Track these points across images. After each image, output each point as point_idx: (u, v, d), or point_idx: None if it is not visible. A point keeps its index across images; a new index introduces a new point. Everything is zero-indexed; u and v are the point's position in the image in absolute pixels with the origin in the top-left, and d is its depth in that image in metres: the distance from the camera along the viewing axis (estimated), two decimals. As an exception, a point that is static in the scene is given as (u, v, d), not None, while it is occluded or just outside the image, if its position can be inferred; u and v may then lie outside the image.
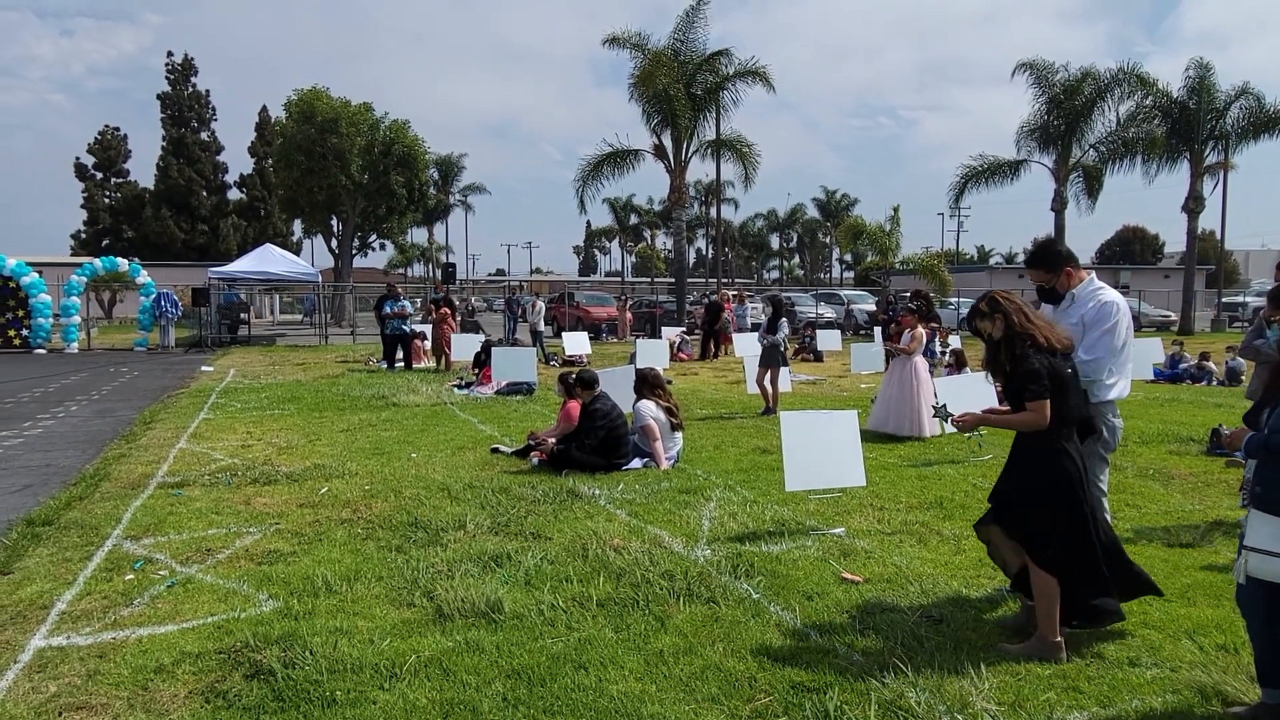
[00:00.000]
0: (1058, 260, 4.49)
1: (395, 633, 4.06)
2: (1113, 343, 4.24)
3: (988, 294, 4.18)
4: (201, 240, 57.56)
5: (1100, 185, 34.02)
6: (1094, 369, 4.22)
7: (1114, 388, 4.31)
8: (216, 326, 26.74)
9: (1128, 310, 4.36)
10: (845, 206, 79.98)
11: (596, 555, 5.16)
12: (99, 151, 59.51)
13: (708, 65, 29.72)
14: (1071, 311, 4.40)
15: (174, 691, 3.52)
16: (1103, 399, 4.28)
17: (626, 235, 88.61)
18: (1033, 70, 32.61)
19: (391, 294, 18.46)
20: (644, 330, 29.20)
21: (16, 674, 3.70)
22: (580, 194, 31.43)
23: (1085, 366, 4.20)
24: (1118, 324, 4.26)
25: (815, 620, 4.20)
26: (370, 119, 37.99)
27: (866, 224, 33.51)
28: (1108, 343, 4.23)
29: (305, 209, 39.95)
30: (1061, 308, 4.49)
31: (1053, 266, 4.48)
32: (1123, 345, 4.31)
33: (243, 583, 4.79)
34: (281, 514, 6.28)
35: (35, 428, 10.63)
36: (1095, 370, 4.22)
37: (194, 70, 59.78)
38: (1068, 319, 4.39)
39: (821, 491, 6.63)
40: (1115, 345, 4.25)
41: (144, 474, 7.64)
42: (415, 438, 9.53)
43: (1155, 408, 12.16)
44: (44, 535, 5.75)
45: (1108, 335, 4.23)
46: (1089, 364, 4.21)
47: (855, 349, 16.66)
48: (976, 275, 51.26)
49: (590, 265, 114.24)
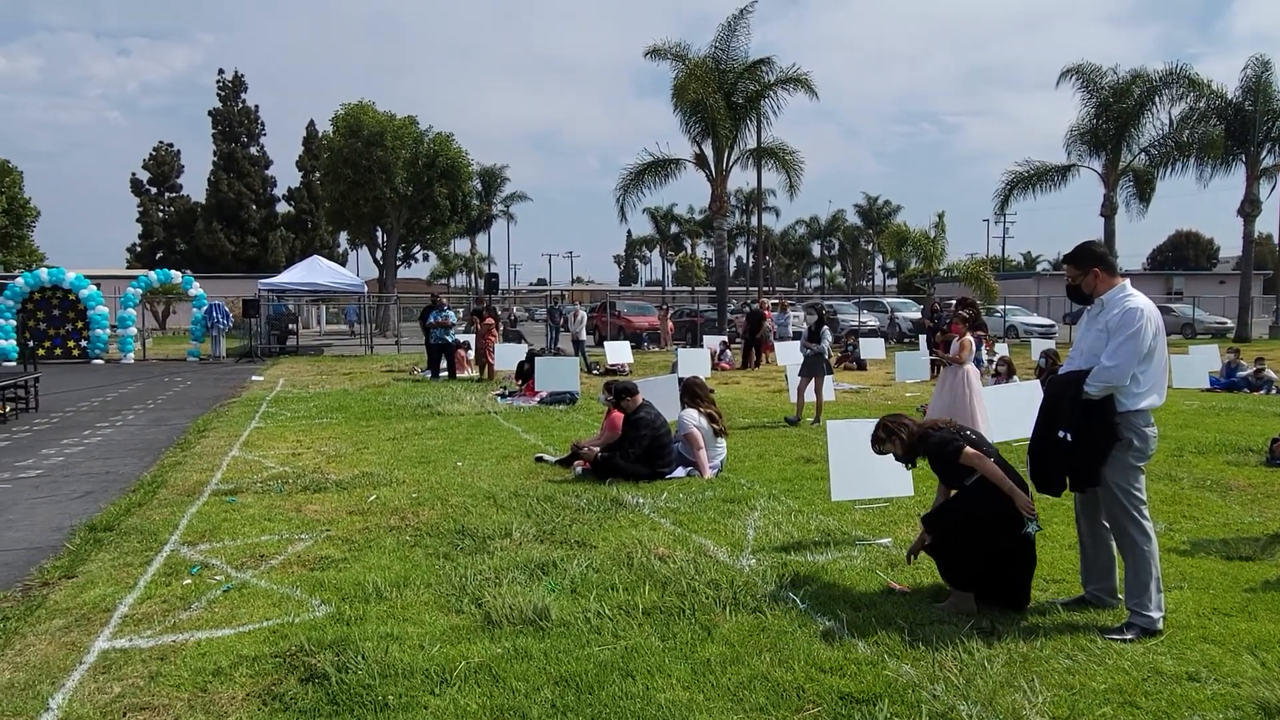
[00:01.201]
0: (1086, 259, 4.42)
1: (445, 639, 4.11)
2: (1136, 348, 4.15)
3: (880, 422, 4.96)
4: (251, 252, 58.88)
5: (1152, 189, 33.28)
6: (1115, 375, 4.14)
7: (1145, 397, 4.21)
8: (266, 337, 27.30)
9: (1157, 318, 4.26)
10: (888, 213, 79.28)
11: (642, 564, 5.18)
12: (153, 167, 61.25)
13: (749, 74, 29.68)
14: (1099, 318, 4.33)
15: (232, 694, 3.61)
16: (1131, 409, 4.18)
17: (667, 244, 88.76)
18: (1080, 75, 32.03)
19: (436, 304, 18.72)
20: (685, 339, 29.20)
21: (82, 674, 3.81)
22: (621, 203, 31.53)
23: (1108, 373, 4.13)
24: (1142, 330, 4.16)
25: (863, 631, 4.16)
26: (415, 132, 38.60)
27: (910, 231, 33.19)
28: (1130, 349, 4.15)
29: (351, 221, 40.71)
30: (1091, 313, 4.42)
31: (1081, 264, 4.42)
32: (1150, 353, 4.21)
33: (296, 588, 4.89)
34: (332, 521, 6.39)
35: (95, 435, 10.96)
36: (1118, 376, 4.14)
37: (244, 86, 61.33)
38: (1094, 325, 4.33)
39: (868, 501, 6.58)
40: (1139, 351, 4.16)
41: (199, 481, 7.84)
42: (460, 446, 9.64)
43: (1212, 417, 11.85)
44: (105, 540, 5.92)
45: (1130, 341, 4.15)
46: (1110, 369, 4.13)
47: (900, 357, 16.50)
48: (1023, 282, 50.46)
49: (631, 274, 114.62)
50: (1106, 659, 3.83)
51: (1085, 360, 4.30)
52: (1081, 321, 4.57)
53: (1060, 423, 4.23)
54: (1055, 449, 4.25)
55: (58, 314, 24.47)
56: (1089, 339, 4.34)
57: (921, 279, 33.46)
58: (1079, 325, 4.66)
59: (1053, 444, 4.25)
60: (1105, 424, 4.16)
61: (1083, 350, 4.36)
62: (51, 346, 24.15)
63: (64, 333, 24.52)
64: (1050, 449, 4.28)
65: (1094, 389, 4.16)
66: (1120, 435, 4.15)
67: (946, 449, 4.57)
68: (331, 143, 39.33)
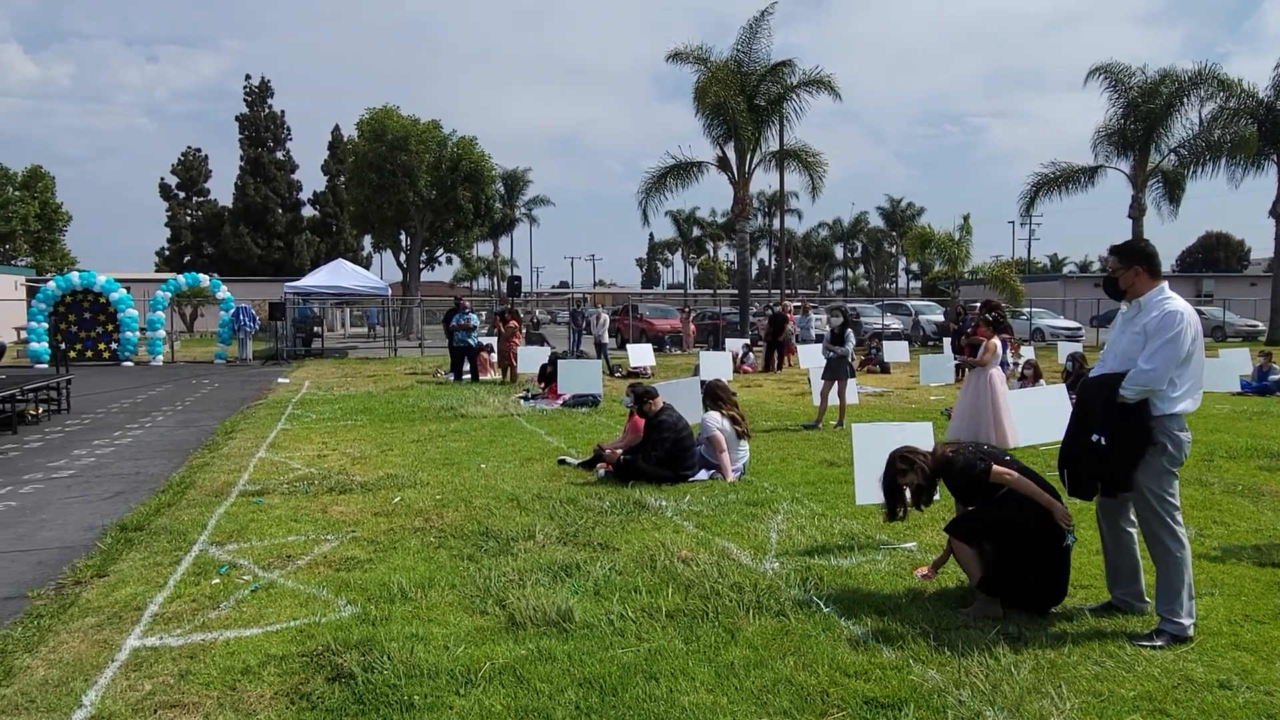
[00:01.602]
0: (1132, 254, 4.35)
1: (469, 640, 4.14)
2: (1175, 353, 4.09)
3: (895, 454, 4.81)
4: (277, 256, 59.53)
5: (1181, 190, 32.85)
6: (1153, 379, 4.08)
7: (1180, 401, 4.15)
8: (292, 339, 27.57)
9: (1196, 322, 4.20)
10: (911, 215, 78.71)
11: (665, 566, 5.18)
12: (182, 172, 62.12)
13: (771, 76, 29.62)
14: (1136, 320, 4.27)
15: (260, 692, 3.65)
16: (1166, 412, 4.13)
17: (689, 247, 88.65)
18: (1108, 74, 31.69)
19: (459, 307, 18.83)
20: (707, 342, 29.15)
21: (114, 672, 3.87)
22: (643, 206, 31.58)
23: (1145, 376, 4.08)
24: (1181, 334, 4.10)
25: (888, 635, 4.14)
26: (438, 136, 38.88)
27: (934, 233, 32.93)
28: (1168, 353, 4.09)
29: (375, 224, 41.03)
30: (1126, 315, 4.36)
31: (1125, 258, 4.35)
32: (1188, 357, 4.15)
33: (322, 588, 4.94)
34: (357, 522, 6.45)
35: (125, 437, 11.12)
36: (1155, 380, 4.08)
37: (270, 92, 62.07)
38: (1131, 327, 4.27)
39: (891, 505, 6.53)
40: (1178, 355, 4.10)
41: (226, 482, 7.93)
42: (484, 449, 9.69)
43: (1243, 421, 11.67)
44: (136, 540, 6.01)
45: (1169, 345, 4.09)
46: (1148, 373, 4.08)
47: (925, 360, 16.39)
48: (1050, 284, 49.94)
49: (653, 277, 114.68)
50: (1136, 665, 3.79)
51: (1119, 363, 4.25)
52: (1115, 323, 4.50)
53: (1093, 426, 4.17)
54: (1088, 452, 4.19)
55: (89, 317, 24.87)
56: (1124, 341, 4.28)
57: (946, 281, 33.20)
58: (1112, 327, 4.60)
59: (1085, 447, 4.20)
60: (1139, 428, 4.10)
61: (1117, 353, 4.30)
62: (83, 349, 24.53)
63: (95, 335, 24.91)
64: (1083, 452, 4.22)
65: (1130, 392, 4.11)
66: (1155, 439, 4.10)
67: (974, 471, 4.51)
68: (356, 147, 39.71)
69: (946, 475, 4.66)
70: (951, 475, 4.63)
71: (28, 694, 3.64)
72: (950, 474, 4.64)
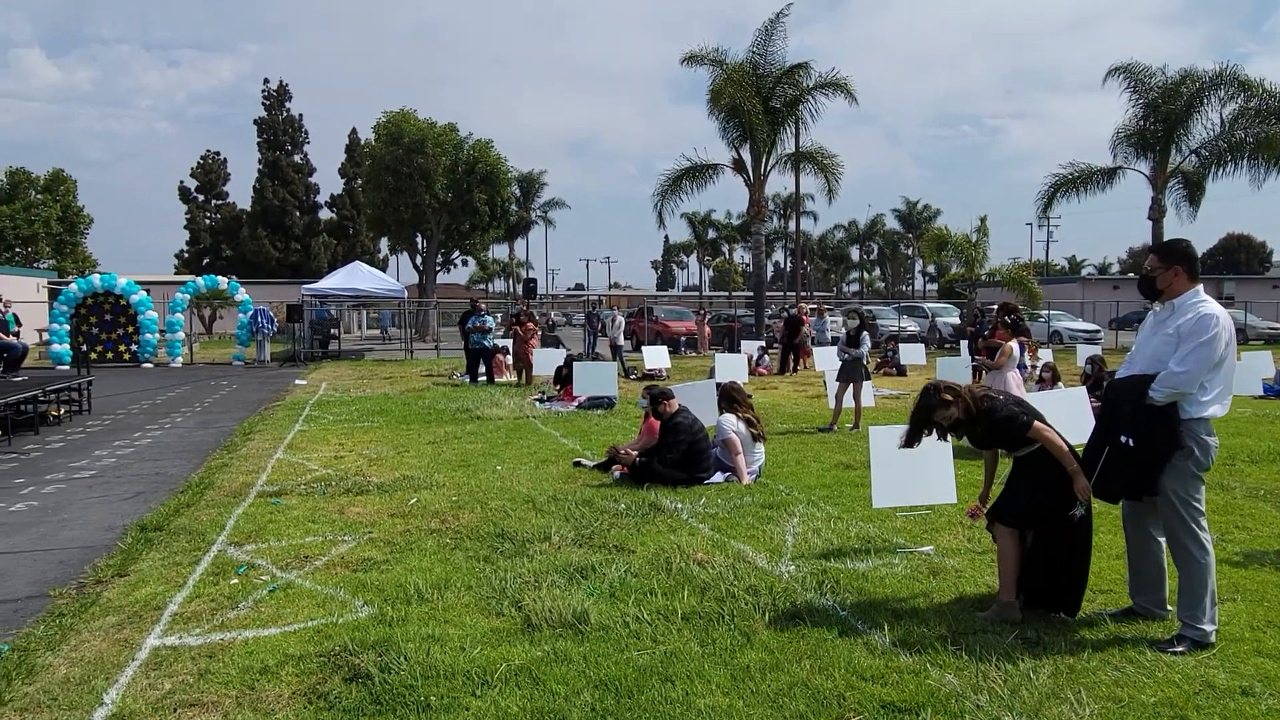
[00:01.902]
0: (1173, 254, 4.26)
1: (485, 641, 4.15)
2: (1209, 356, 4.04)
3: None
4: (294, 258, 59.95)
5: (1202, 192, 32.49)
6: (1185, 381, 4.02)
7: (1209, 405, 4.09)
8: (309, 341, 27.74)
9: (1230, 326, 4.13)
10: (928, 217, 78.36)
11: (680, 569, 5.18)
12: (201, 175, 62.67)
13: (787, 78, 29.58)
14: (1169, 322, 4.20)
15: (279, 692, 3.67)
16: (1196, 416, 4.07)
17: (705, 249, 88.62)
18: (1128, 74, 31.42)
19: (475, 309, 18.89)
20: (723, 344, 29.12)
21: (134, 671, 3.91)
22: (659, 209, 31.58)
23: (1176, 378, 4.02)
24: (1216, 337, 4.04)
25: (905, 639, 4.12)
26: (455, 139, 39.06)
27: (951, 235, 32.77)
28: (1202, 355, 4.03)
29: (392, 227, 41.28)
30: (1159, 316, 4.29)
31: (1166, 258, 4.26)
32: (1221, 361, 4.10)
33: (339, 589, 4.97)
34: (374, 523, 6.48)
35: (145, 438, 11.22)
36: (1187, 383, 4.02)
37: (288, 95, 62.54)
38: (1164, 329, 4.20)
39: (909, 508, 6.51)
40: (1211, 359, 4.05)
41: (245, 483, 7.99)
42: (499, 450, 9.72)
43: (1265, 424, 11.54)
44: (155, 540, 6.06)
45: (1203, 348, 4.03)
46: (1180, 375, 4.02)
47: (941, 363, 16.26)
48: (1068, 286, 49.59)
49: (668, 280, 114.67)
50: (1156, 671, 3.75)
51: (1148, 365, 4.18)
52: (1145, 324, 4.44)
53: (1122, 427, 4.12)
54: (1116, 454, 4.14)
55: (109, 319, 25.11)
56: (1155, 343, 4.21)
57: (963, 284, 33.01)
58: (1141, 328, 4.53)
59: (1113, 449, 4.15)
60: (1167, 431, 4.05)
61: (1147, 354, 4.24)
62: (103, 350, 24.77)
63: (115, 337, 25.15)
64: (1110, 454, 4.17)
65: (1159, 394, 4.05)
66: (1183, 443, 4.05)
67: (1015, 424, 4.47)
68: (373, 150, 39.98)
69: (988, 420, 4.56)
70: (994, 422, 4.54)
71: (50, 692, 3.68)
72: (992, 420, 4.54)
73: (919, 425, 4.73)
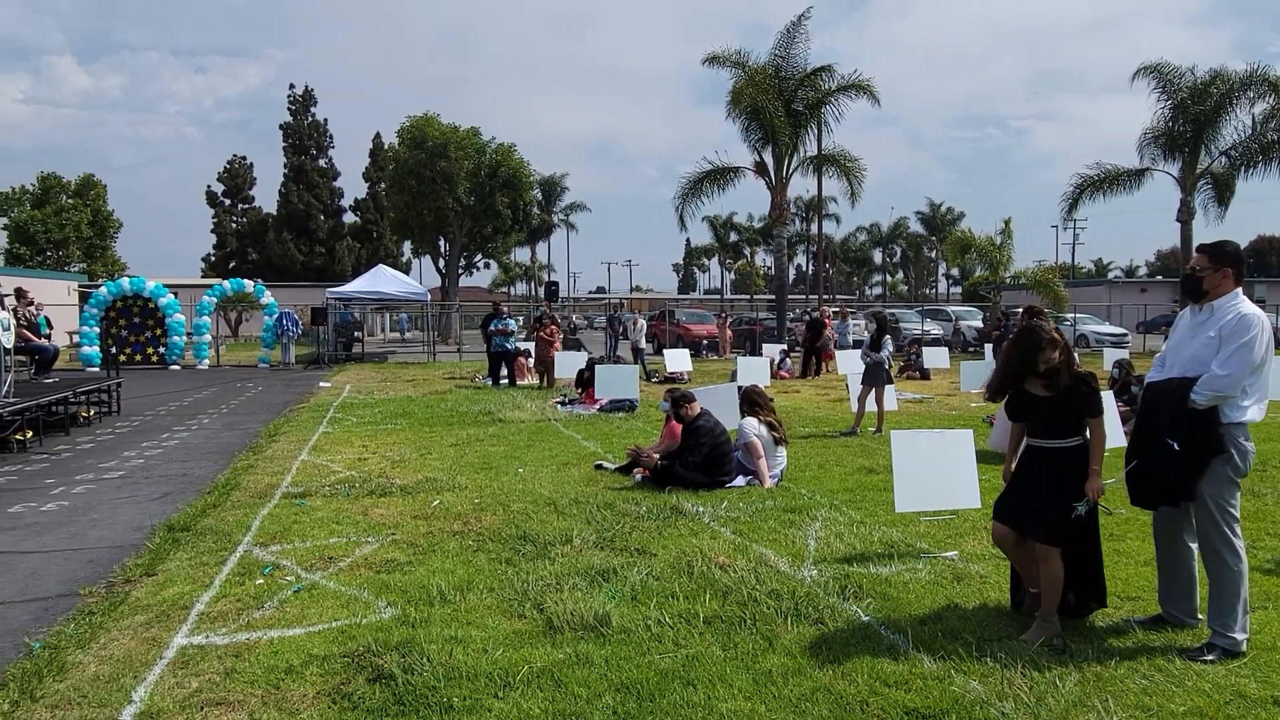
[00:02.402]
0: (1222, 255, 4.16)
1: (508, 643, 4.16)
2: (1250, 358, 3.97)
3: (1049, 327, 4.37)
4: (319, 262, 60.51)
5: (1231, 193, 32.00)
6: (1229, 384, 3.95)
7: (1249, 409, 4.03)
8: (333, 344, 27.99)
9: (1269, 328, 4.07)
10: (951, 220, 77.84)
11: (702, 573, 5.17)
12: (227, 179, 63.43)
13: (809, 81, 29.47)
14: (1209, 324, 4.12)
15: (303, 691, 3.70)
16: (1235, 420, 4.01)
17: (726, 252, 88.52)
18: (1156, 74, 31.03)
19: (497, 312, 18.97)
20: (744, 348, 29.05)
21: (162, 669, 3.96)
22: (680, 211, 31.50)
23: (1220, 381, 3.96)
24: (1256, 338, 3.97)
25: (929, 645, 4.09)
26: (477, 143, 39.28)
27: (975, 237, 32.51)
28: (1244, 357, 3.96)
29: (415, 230, 41.56)
30: (1199, 319, 4.20)
31: (1217, 259, 4.15)
32: (1261, 364, 4.03)
33: (363, 590, 5.00)
34: (397, 525, 6.52)
35: (172, 439, 11.37)
36: (1230, 386, 3.95)
37: (313, 101, 63.17)
38: (1204, 331, 4.12)
39: (933, 513, 6.46)
40: (1253, 361, 3.98)
41: (270, 484, 8.07)
42: (521, 453, 9.75)
43: (1297, 430, 11.32)
44: (183, 540, 6.14)
45: (1245, 350, 3.97)
46: (1224, 379, 3.95)
47: (965, 367, 16.16)
48: (1095, 289, 49.03)
49: (689, 283, 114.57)
50: (1186, 680, 3.70)
51: (1187, 368, 4.10)
52: (1179, 326, 4.36)
53: (1165, 431, 4.04)
54: (1159, 458, 4.06)
55: (138, 321, 25.48)
56: (1194, 346, 4.13)
57: (987, 287, 32.73)
58: (1174, 330, 4.45)
59: (1157, 453, 4.07)
60: (1210, 435, 3.98)
61: (1185, 357, 4.15)
62: (132, 353, 25.12)
63: (144, 339, 25.50)
64: (1151, 459, 4.10)
65: (1203, 398, 3.98)
66: (1226, 448, 3.98)
67: (1098, 398, 4.28)
68: (397, 154, 40.27)
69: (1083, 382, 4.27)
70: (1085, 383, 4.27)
71: (80, 689, 3.74)
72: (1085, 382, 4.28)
73: (1017, 369, 4.32)
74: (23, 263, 47.01)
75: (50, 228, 49.42)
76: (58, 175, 52.15)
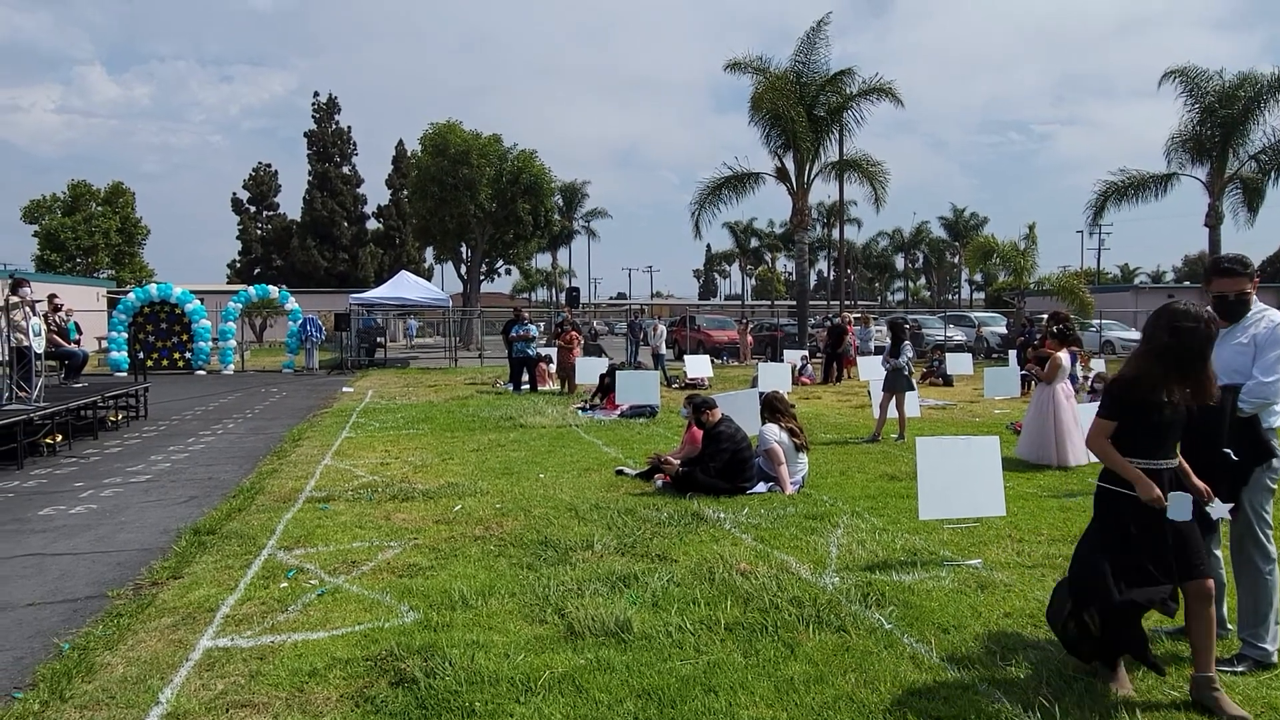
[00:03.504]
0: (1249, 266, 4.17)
1: (529, 648, 4.17)
2: None
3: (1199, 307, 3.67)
4: (342, 268, 61.01)
5: (1261, 198, 31.53)
6: (1274, 391, 3.94)
7: (1278, 415, 4.00)
8: (356, 350, 28.20)
9: None
10: (974, 225, 77.17)
11: (723, 579, 5.15)
12: (253, 186, 64.14)
13: (830, 86, 29.39)
14: (1235, 330, 4.09)
15: (327, 694, 3.73)
16: (1272, 426, 3.98)
17: (747, 258, 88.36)
18: (1183, 78, 30.65)
19: (518, 318, 19.05)
20: (765, 354, 28.98)
21: (188, 671, 4.00)
22: (696, 217, 31.33)
23: (1266, 388, 3.93)
24: None
25: (953, 654, 4.06)
26: (499, 150, 39.47)
27: (998, 243, 32.21)
28: None
29: (437, 237, 41.78)
30: (1225, 328, 4.17)
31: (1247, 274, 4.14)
32: None
33: (385, 594, 5.03)
34: (419, 529, 6.55)
35: (198, 443, 11.50)
36: (1275, 392, 3.94)
37: (337, 108, 63.77)
38: (1232, 340, 4.08)
39: (956, 521, 6.41)
40: None
41: (294, 489, 8.14)
42: (542, 458, 9.77)
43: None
44: (208, 544, 6.20)
45: None
46: (1269, 385, 3.93)
47: (989, 373, 16.03)
48: (1120, 295, 48.44)
49: (710, 289, 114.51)
50: (1215, 692, 3.64)
51: (1224, 377, 4.05)
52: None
53: (1220, 440, 3.99)
54: (1217, 468, 3.96)
55: (165, 327, 25.82)
56: (1226, 354, 4.07)
57: (1010, 293, 32.40)
58: None
59: (1210, 465, 3.97)
60: (1257, 441, 3.96)
61: (1219, 366, 4.09)
62: (159, 358, 25.46)
63: (170, 345, 25.84)
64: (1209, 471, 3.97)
65: (1248, 405, 3.97)
66: (1275, 453, 3.96)
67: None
68: (419, 161, 40.55)
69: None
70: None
71: (108, 690, 3.79)
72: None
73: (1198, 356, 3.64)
74: (53, 269, 47.82)
75: (80, 234, 50.25)
76: (87, 183, 53.00)
